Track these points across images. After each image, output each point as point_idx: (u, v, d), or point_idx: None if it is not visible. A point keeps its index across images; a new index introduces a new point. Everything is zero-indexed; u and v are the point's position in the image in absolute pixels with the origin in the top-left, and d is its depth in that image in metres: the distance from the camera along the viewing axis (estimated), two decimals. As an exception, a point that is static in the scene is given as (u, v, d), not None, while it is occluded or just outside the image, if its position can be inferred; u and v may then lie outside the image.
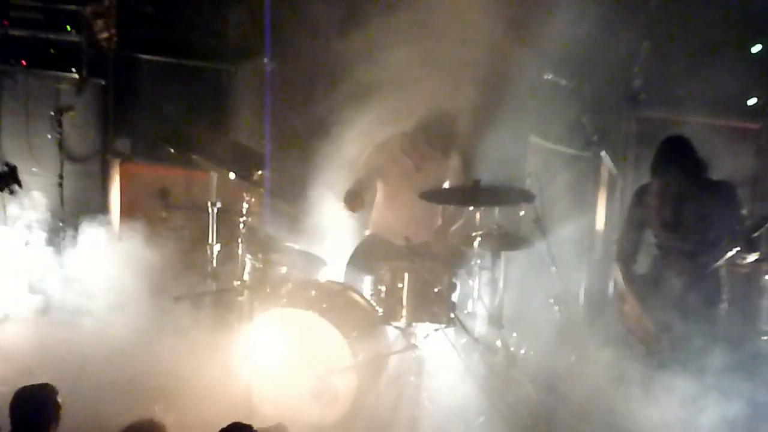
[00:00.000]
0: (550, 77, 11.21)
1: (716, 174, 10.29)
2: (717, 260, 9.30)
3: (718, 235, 9.30)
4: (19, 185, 10.15)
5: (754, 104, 10.77)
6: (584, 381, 10.34)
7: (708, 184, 9.44)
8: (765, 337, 10.58)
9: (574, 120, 10.92)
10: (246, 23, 12.13)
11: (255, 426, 7.31)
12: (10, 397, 7.67)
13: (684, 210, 9.41)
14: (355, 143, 11.09)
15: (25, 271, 11.92)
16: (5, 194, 11.96)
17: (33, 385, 7.70)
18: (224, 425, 7.14)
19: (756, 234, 9.11)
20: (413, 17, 10.93)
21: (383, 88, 11.05)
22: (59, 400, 7.63)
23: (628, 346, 10.22)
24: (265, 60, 12.06)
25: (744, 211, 9.37)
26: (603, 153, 10.89)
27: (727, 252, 9.23)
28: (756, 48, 10.80)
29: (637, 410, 9.65)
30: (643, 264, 9.81)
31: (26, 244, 12.14)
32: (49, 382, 7.73)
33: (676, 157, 9.33)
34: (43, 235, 12.26)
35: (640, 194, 9.64)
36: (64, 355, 10.41)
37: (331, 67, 11.63)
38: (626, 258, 9.81)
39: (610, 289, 10.05)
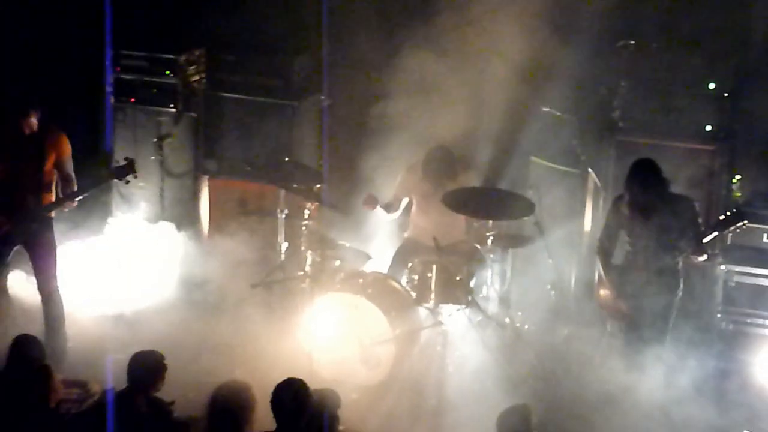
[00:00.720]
0: (547, 109, 11.22)
1: (680, 184, 10.28)
2: (674, 259, 9.30)
3: (676, 239, 9.26)
4: (135, 176, 10.21)
5: (710, 130, 10.75)
6: (575, 351, 10.51)
7: (669, 197, 9.38)
8: (718, 315, 10.65)
9: (567, 143, 10.95)
10: (307, 68, 12.18)
11: (313, 386, 7.45)
12: (124, 362, 7.99)
13: (648, 217, 9.35)
14: (393, 163, 11.15)
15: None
16: (121, 202, 12.24)
17: (144, 351, 7.91)
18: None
19: (705, 240, 9.16)
20: (438, 66, 11.03)
21: (417, 118, 11.14)
22: (165, 362, 7.88)
23: (604, 323, 10.35)
24: (323, 97, 12.14)
25: (699, 220, 9.33)
26: (590, 170, 10.91)
27: (682, 253, 9.26)
28: (711, 85, 10.76)
29: (613, 374, 9.69)
30: (618, 257, 9.79)
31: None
32: (158, 349, 7.99)
33: (642, 176, 9.28)
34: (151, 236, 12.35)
35: (616, 202, 9.59)
36: (169, 329, 10.57)
37: (376, 102, 11.57)
38: (604, 252, 9.73)
39: (595, 277, 9.99)
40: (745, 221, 9.15)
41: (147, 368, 7.82)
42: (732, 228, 9.16)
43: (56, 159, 10.02)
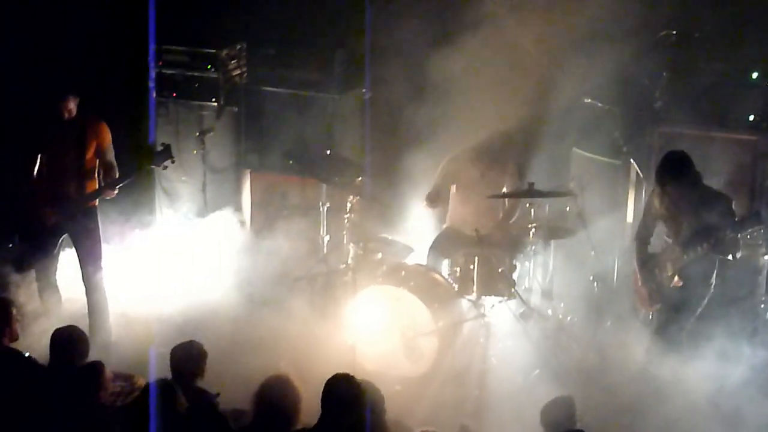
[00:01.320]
0: (589, 101, 11.24)
1: (723, 175, 10.38)
2: (706, 252, 9.24)
3: (708, 234, 9.18)
4: (173, 161, 10.28)
5: (753, 120, 10.69)
6: (617, 341, 10.47)
7: (702, 191, 9.36)
8: (762, 305, 10.62)
9: (609, 135, 10.92)
10: (348, 61, 12.21)
11: (358, 378, 7.39)
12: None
13: (679, 210, 9.36)
14: (434, 155, 11.14)
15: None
16: (163, 197, 12.32)
17: (183, 342, 8.04)
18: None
19: (737, 235, 9.10)
20: (478, 59, 10.95)
21: (457, 110, 11.08)
22: (204, 350, 7.98)
23: (634, 312, 10.34)
24: (364, 90, 12.14)
25: (734, 218, 9.19)
26: (632, 161, 10.88)
27: (712, 249, 9.17)
28: (754, 75, 10.72)
29: (657, 365, 9.67)
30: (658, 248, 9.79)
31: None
32: (203, 344, 8.08)
33: (672, 170, 9.28)
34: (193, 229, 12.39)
35: (654, 193, 9.62)
36: (214, 323, 10.64)
37: (416, 95, 11.55)
38: (641, 239, 9.75)
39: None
40: (762, 226, 9.11)
41: (187, 358, 7.93)
42: (749, 231, 9.12)
43: (97, 147, 10.14)
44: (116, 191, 10.22)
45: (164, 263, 11.86)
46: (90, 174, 10.22)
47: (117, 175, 10.19)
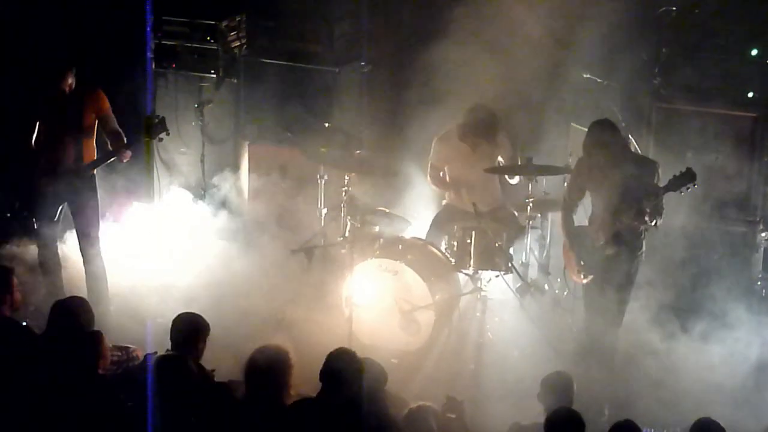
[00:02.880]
0: (588, 76, 11.20)
1: (721, 151, 10.42)
2: (634, 221, 9.16)
3: (636, 200, 9.09)
4: (167, 133, 10.27)
5: (752, 97, 10.62)
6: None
7: (630, 158, 9.37)
8: (758, 282, 10.64)
9: (607, 110, 10.79)
10: (348, 34, 12.13)
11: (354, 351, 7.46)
12: (166, 327, 8.07)
13: (606, 177, 9.27)
14: (433, 129, 11.08)
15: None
16: (162, 169, 12.31)
17: (184, 313, 8.05)
18: (331, 350, 7.31)
19: (657, 199, 9.05)
20: (477, 33, 10.94)
21: (458, 84, 11.04)
22: (207, 324, 7.94)
23: (564, 278, 10.29)
24: (363, 63, 12.10)
25: (660, 184, 9.12)
26: (629, 136, 10.71)
27: (640, 216, 9.09)
28: (754, 51, 10.61)
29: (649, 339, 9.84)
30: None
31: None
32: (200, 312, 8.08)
33: (599, 135, 9.24)
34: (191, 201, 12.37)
35: (580, 162, 9.59)
36: (209, 294, 10.60)
37: (415, 68, 11.51)
38: (566, 207, 9.70)
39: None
40: (696, 183, 9.00)
41: (188, 330, 7.91)
42: (683, 188, 9.01)
43: (96, 115, 10.16)
44: (127, 156, 10.23)
45: (162, 235, 11.84)
46: (88, 143, 10.24)
47: (125, 141, 10.19)
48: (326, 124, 11.64)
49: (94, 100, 10.19)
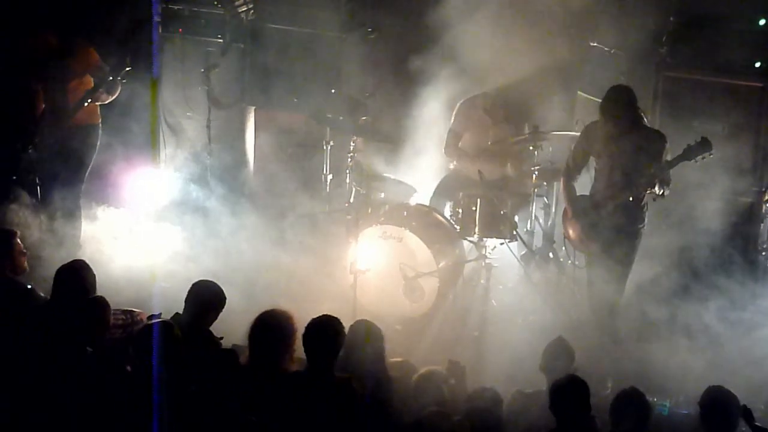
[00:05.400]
0: (595, 44, 11.13)
1: (728, 121, 10.35)
2: (639, 190, 9.14)
3: (642, 170, 9.11)
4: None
5: (759, 67, 10.53)
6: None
7: (642, 128, 9.31)
8: (763, 253, 10.58)
9: (614, 78, 10.64)
10: (353, 0, 12.07)
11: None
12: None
13: (618, 145, 9.24)
14: (439, 96, 11.07)
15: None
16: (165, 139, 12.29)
17: (203, 280, 8.07)
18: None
19: (671, 167, 9.03)
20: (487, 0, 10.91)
21: (466, 51, 10.92)
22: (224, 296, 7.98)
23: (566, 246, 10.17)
24: (369, 29, 11.99)
25: (668, 158, 9.12)
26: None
27: (646, 185, 9.08)
28: (762, 21, 10.56)
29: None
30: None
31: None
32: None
33: (615, 104, 9.19)
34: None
35: (590, 128, 9.54)
36: (215, 260, 10.57)
37: (420, 34, 11.40)
38: (567, 174, 9.68)
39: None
40: (711, 152, 8.98)
41: (207, 297, 7.93)
42: (699, 156, 8.98)
43: (84, 69, 10.39)
44: (104, 96, 10.54)
45: (168, 199, 11.80)
46: (76, 94, 10.51)
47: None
48: (332, 90, 11.61)
49: (81, 57, 10.52)
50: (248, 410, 6.90)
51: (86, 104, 10.46)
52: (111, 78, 10.39)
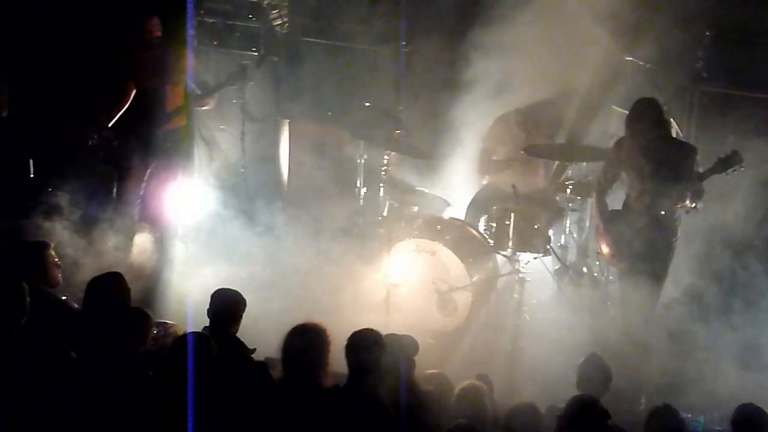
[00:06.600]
0: (630, 59, 11.09)
1: (763, 136, 10.22)
2: (672, 204, 9.12)
3: (674, 184, 9.08)
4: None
5: (796, 82, 10.49)
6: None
7: (671, 142, 9.31)
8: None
9: (649, 93, 10.60)
10: (388, 14, 12.03)
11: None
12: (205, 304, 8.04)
13: (648, 160, 9.20)
14: (472, 110, 11.05)
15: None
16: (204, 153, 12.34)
17: (225, 288, 8.03)
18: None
19: (704, 179, 8.99)
20: (518, 14, 10.82)
21: (498, 67, 10.93)
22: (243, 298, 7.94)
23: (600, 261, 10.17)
24: (403, 43, 11.97)
25: (700, 170, 9.09)
26: (671, 120, 10.53)
27: (678, 199, 9.05)
28: (798, 36, 10.52)
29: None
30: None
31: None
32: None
33: (643, 117, 9.16)
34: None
35: (619, 143, 9.49)
36: (248, 272, 10.49)
37: (454, 48, 11.45)
38: (600, 190, 9.65)
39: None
40: (743, 165, 8.93)
41: (226, 303, 7.89)
42: (730, 169, 8.93)
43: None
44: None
45: (202, 212, 11.74)
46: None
47: None
48: (366, 104, 11.61)
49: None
50: (282, 425, 6.86)
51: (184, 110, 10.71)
52: (228, 85, 10.90)
